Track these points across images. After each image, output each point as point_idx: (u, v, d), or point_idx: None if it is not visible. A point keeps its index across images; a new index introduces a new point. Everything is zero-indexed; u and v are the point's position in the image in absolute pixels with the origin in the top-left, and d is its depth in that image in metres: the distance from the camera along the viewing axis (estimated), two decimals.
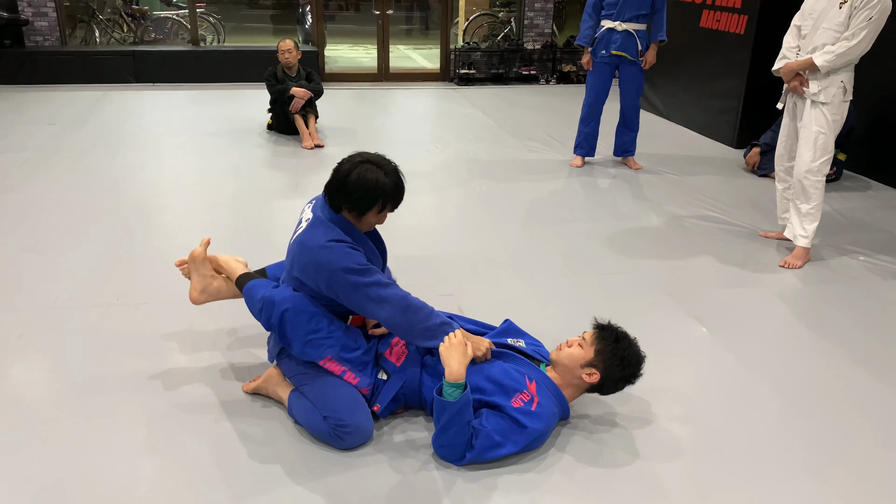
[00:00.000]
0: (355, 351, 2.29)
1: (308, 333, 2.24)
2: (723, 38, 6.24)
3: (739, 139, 6.13)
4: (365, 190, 2.23)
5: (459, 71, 9.13)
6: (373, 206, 2.27)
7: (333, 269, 2.20)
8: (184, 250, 3.70)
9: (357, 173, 2.24)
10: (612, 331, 2.31)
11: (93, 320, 3.00)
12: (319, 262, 2.22)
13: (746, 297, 3.40)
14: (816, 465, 2.26)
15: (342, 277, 2.20)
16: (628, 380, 2.32)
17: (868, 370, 2.80)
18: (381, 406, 2.30)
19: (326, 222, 2.30)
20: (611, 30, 5.15)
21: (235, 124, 6.48)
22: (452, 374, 2.12)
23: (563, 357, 2.31)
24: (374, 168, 2.26)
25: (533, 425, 2.18)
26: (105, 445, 2.24)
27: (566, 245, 3.96)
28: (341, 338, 2.28)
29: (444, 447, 2.17)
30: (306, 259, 2.26)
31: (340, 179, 2.25)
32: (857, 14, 3.34)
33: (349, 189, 2.24)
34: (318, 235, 2.26)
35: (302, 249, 2.28)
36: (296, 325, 2.24)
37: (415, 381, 2.33)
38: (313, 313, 2.26)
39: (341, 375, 2.27)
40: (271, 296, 2.31)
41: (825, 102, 3.51)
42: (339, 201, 2.27)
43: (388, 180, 2.26)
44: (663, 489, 2.13)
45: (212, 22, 9.93)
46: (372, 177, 2.24)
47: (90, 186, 4.67)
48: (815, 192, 3.65)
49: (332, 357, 2.26)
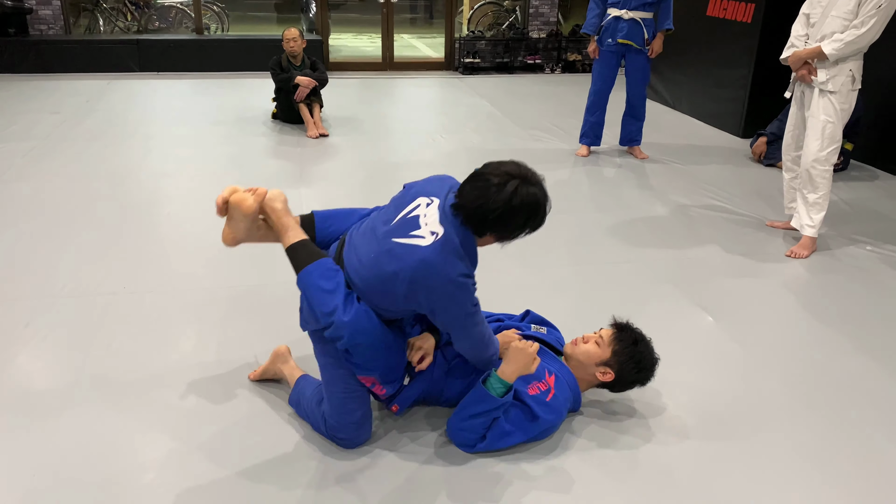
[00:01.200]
0: (396, 371, 2.18)
1: (367, 361, 2.09)
2: (730, 26, 6.19)
3: (746, 129, 6.10)
4: (522, 212, 1.94)
5: (464, 60, 9.09)
6: (522, 231, 2.01)
7: (456, 308, 2.00)
8: (189, 238, 3.73)
9: (517, 189, 1.92)
10: (630, 332, 2.32)
11: (99, 309, 3.00)
12: (443, 295, 1.97)
13: (753, 286, 3.39)
14: (822, 455, 2.25)
15: (459, 316, 2.02)
16: (641, 382, 2.33)
17: (874, 360, 2.80)
18: (399, 408, 2.27)
19: (459, 249, 1.98)
20: (617, 18, 5.12)
21: (240, 113, 6.47)
22: (506, 373, 2.11)
23: (578, 353, 2.32)
24: (531, 183, 1.96)
25: (545, 416, 2.18)
26: (112, 434, 2.25)
27: (571, 235, 3.95)
28: (390, 364, 2.15)
29: (462, 430, 2.17)
30: (427, 285, 1.96)
31: (503, 207, 1.91)
32: (867, 2, 3.31)
33: (505, 209, 1.92)
34: (451, 265, 1.95)
35: (426, 271, 1.95)
36: (361, 353, 2.07)
37: (439, 383, 2.30)
38: (381, 347, 2.09)
39: (371, 387, 2.18)
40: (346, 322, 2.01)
41: (833, 91, 3.49)
42: (486, 225, 1.95)
43: (543, 200, 1.99)
44: (670, 477, 2.13)
45: (216, 10, 9.90)
46: (530, 198, 1.94)
47: (95, 175, 4.67)
48: (823, 182, 3.64)
49: (376, 378, 2.15)
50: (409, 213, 2.08)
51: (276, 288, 3.23)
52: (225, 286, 3.24)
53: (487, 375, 2.15)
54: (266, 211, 2.17)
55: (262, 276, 3.34)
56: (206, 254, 3.57)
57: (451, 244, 1.97)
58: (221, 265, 3.44)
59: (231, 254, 3.56)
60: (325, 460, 2.17)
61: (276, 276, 3.35)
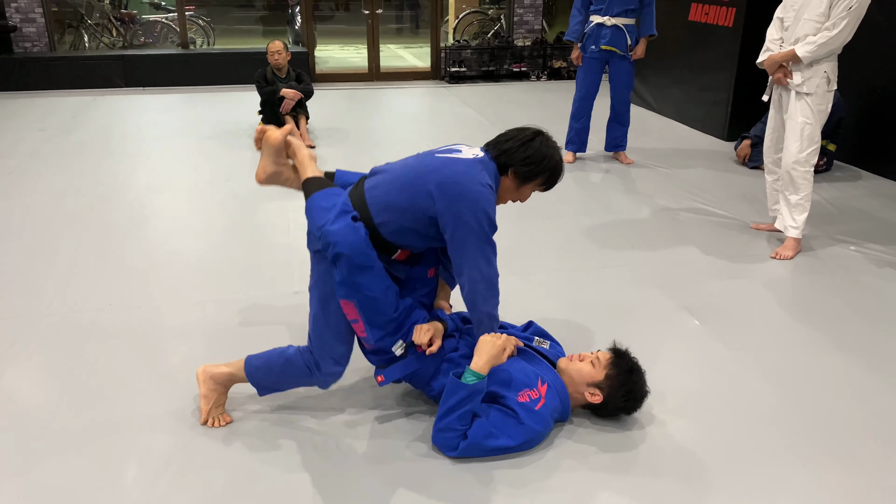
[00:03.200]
0: (380, 315, 2.22)
1: (350, 276, 2.16)
2: (712, 31, 6.25)
3: (730, 132, 6.15)
4: (542, 158, 2.25)
5: (450, 69, 9.13)
6: (538, 177, 2.27)
7: (478, 208, 2.13)
8: (175, 253, 3.72)
9: (541, 141, 2.27)
10: (627, 360, 2.33)
11: (85, 325, 3.00)
12: (467, 194, 2.14)
13: (738, 288, 3.41)
14: (808, 455, 2.27)
15: (477, 220, 2.14)
16: (627, 411, 2.36)
17: (859, 359, 2.82)
18: (385, 380, 2.30)
19: (492, 170, 2.24)
20: (600, 25, 5.16)
21: (226, 127, 6.48)
22: (478, 365, 2.15)
23: (571, 369, 2.33)
24: (554, 145, 2.30)
25: (531, 423, 2.18)
26: (99, 451, 2.24)
27: (559, 240, 3.97)
28: (376, 298, 2.20)
29: (442, 431, 2.17)
30: (455, 181, 2.15)
31: (525, 139, 2.25)
32: (838, 4, 3.35)
33: (530, 150, 2.23)
34: (482, 174, 2.19)
35: (456, 172, 2.17)
36: (344, 268, 2.16)
37: (429, 368, 2.31)
38: (365, 267, 2.17)
39: (352, 322, 2.24)
40: (332, 230, 2.17)
41: (809, 93, 3.53)
42: (512, 161, 2.24)
43: (561, 163, 2.32)
44: (657, 480, 2.14)
45: (201, 25, 9.91)
46: (553, 152, 2.28)
47: (81, 191, 4.67)
48: (804, 183, 3.67)
49: (355, 305, 2.19)
50: (449, 146, 2.36)
51: (264, 302, 3.23)
52: (212, 301, 3.24)
53: (461, 371, 2.17)
54: (293, 151, 2.45)
55: (249, 291, 3.34)
56: (192, 269, 3.57)
57: (489, 165, 2.25)
58: (208, 280, 3.44)
59: (218, 268, 3.57)
60: (315, 464, 2.17)
61: (263, 290, 3.36)
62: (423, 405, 2.49)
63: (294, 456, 2.23)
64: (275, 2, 12.51)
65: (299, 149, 2.44)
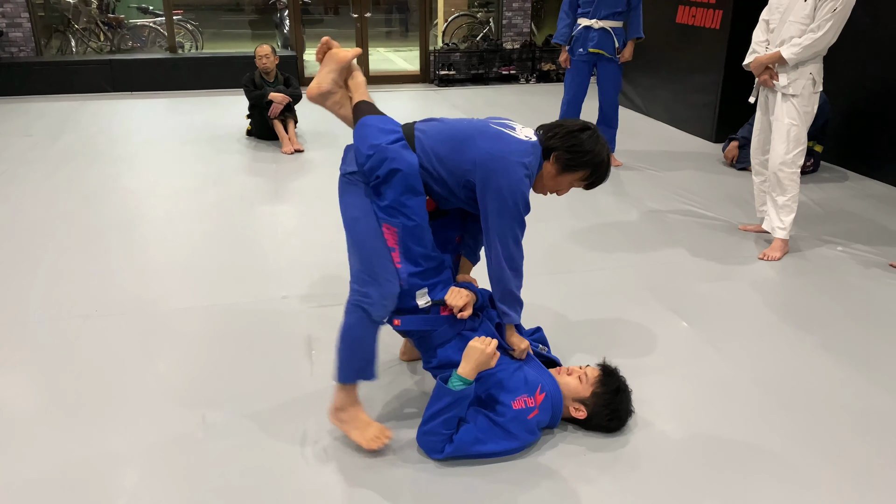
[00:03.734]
0: (419, 246, 2.19)
1: (399, 196, 2.14)
2: (699, 33, 6.28)
3: (718, 133, 6.18)
4: (587, 152, 2.22)
5: (439, 72, 9.14)
6: (580, 169, 2.24)
7: (515, 187, 2.14)
8: (163, 258, 3.70)
9: (590, 134, 2.24)
10: (615, 379, 2.32)
11: (71, 332, 2.98)
12: (508, 172, 2.14)
13: (726, 290, 3.42)
14: (796, 456, 2.27)
15: (514, 198, 2.14)
16: (610, 430, 2.34)
17: (846, 360, 2.83)
18: (401, 325, 2.27)
19: (538, 155, 2.23)
20: (587, 28, 5.17)
21: (214, 131, 6.45)
22: (465, 371, 2.13)
23: (559, 383, 2.33)
24: (604, 144, 2.27)
25: (518, 432, 2.19)
26: (84, 458, 2.22)
27: (547, 243, 3.97)
28: (420, 225, 2.17)
29: (426, 434, 2.17)
30: (501, 156, 2.15)
31: (573, 129, 2.24)
32: (822, 6, 3.38)
33: (576, 140, 2.21)
34: (527, 154, 2.18)
35: (504, 150, 2.16)
36: (396, 186, 2.14)
37: (440, 339, 2.28)
38: (416, 190, 2.16)
39: (390, 250, 2.19)
40: (391, 147, 2.16)
41: (795, 95, 3.55)
42: (557, 146, 2.22)
43: (607, 161, 2.28)
44: (645, 481, 2.14)
45: (189, 29, 9.88)
46: (598, 147, 2.24)
47: (68, 197, 4.64)
48: (791, 184, 3.69)
49: (397, 231, 2.16)
50: (506, 120, 2.33)
51: (252, 307, 3.22)
52: (200, 306, 3.22)
53: (448, 375, 2.16)
54: (354, 73, 2.40)
55: (237, 295, 3.32)
56: (179, 274, 3.55)
57: (537, 148, 2.23)
58: (196, 285, 3.43)
59: (206, 273, 3.55)
60: (302, 480, 2.16)
61: (251, 294, 3.34)
62: (413, 407, 2.48)
63: (282, 461, 2.22)
64: (263, 5, 12.48)
65: (357, 75, 2.41)
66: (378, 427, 2.27)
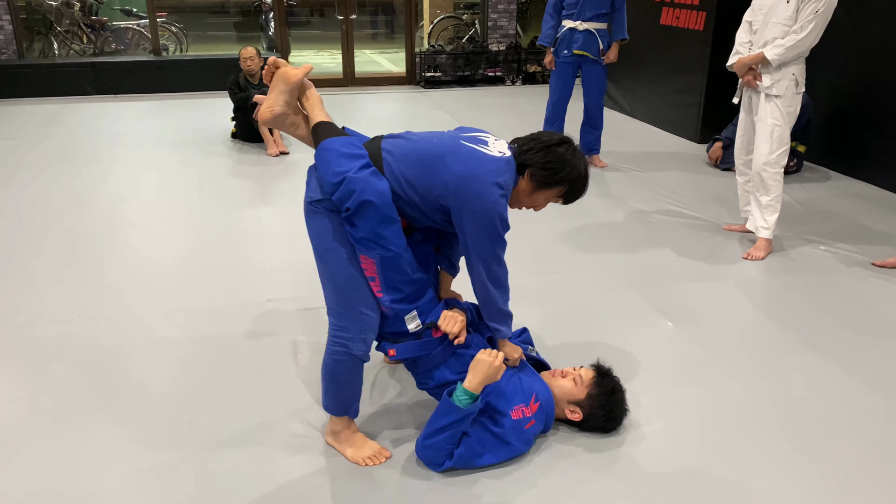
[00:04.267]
0: (400, 274, 2.11)
1: (374, 228, 2.04)
2: (682, 34, 6.32)
3: (702, 134, 6.21)
4: (563, 167, 2.14)
5: (425, 74, 9.13)
6: (556, 186, 2.17)
7: (492, 209, 2.05)
8: (147, 262, 3.68)
9: (567, 148, 2.17)
10: (610, 380, 2.32)
11: (54, 337, 2.95)
12: (483, 194, 2.04)
13: (711, 289, 3.44)
14: (781, 453, 2.29)
15: (490, 220, 2.06)
16: (606, 430, 2.34)
17: (830, 358, 2.85)
18: (397, 354, 2.23)
19: (513, 172, 2.14)
20: (572, 29, 5.19)
21: (199, 134, 6.42)
22: (472, 384, 2.09)
23: (553, 386, 2.33)
24: (581, 157, 2.20)
25: (517, 444, 2.19)
26: (68, 464, 2.20)
27: (534, 244, 3.98)
28: (399, 255, 2.09)
29: (428, 448, 2.15)
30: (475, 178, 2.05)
31: (549, 144, 2.16)
32: (805, 8, 3.41)
33: (552, 155, 2.14)
34: (502, 175, 2.09)
35: (478, 171, 2.06)
36: (370, 218, 2.03)
37: (436, 361, 2.25)
38: (391, 219, 2.06)
39: (369, 280, 2.12)
40: (358, 178, 2.03)
41: (778, 95, 3.57)
42: (531, 161, 2.14)
43: (584, 175, 2.20)
44: (634, 480, 2.15)
45: (173, 31, 9.83)
46: (577, 162, 2.17)
47: (51, 201, 4.59)
48: (775, 184, 3.71)
49: (375, 262, 2.08)
50: (477, 132, 2.22)
51: (237, 311, 3.20)
52: (185, 309, 3.20)
53: (453, 389, 2.14)
54: (307, 93, 2.27)
55: (222, 300, 3.31)
56: (163, 278, 3.52)
57: (511, 164, 2.14)
58: (181, 288, 3.40)
59: (190, 277, 3.53)
60: (289, 484, 2.15)
61: (236, 298, 3.32)
62: (401, 415, 2.48)
63: (267, 464, 2.21)
64: (248, 8, 12.44)
65: (312, 92, 2.27)
66: (374, 447, 2.25)
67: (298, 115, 2.28)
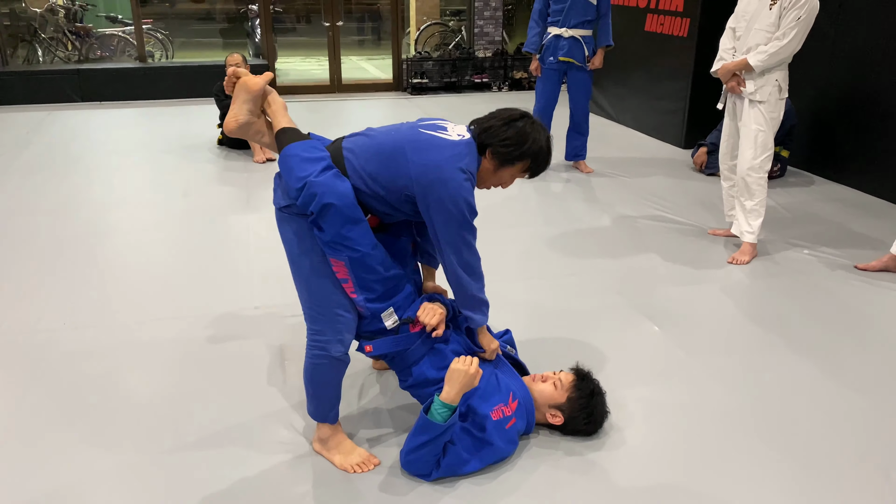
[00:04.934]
0: (371, 273, 2.11)
1: (339, 230, 2.04)
2: (667, 41, 6.37)
3: (687, 140, 6.26)
4: (524, 141, 2.14)
5: (412, 80, 9.15)
6: (519, 161, 2.17)
7: (457, 194, 2.05)
8: (133, 269, 3.66)
9: (525, 122, 2.17)
10: (590, 383, 2.33)
11: (38, 345, 2.92)
12: (447, 180, 2.05)
13: (696, 293, 3.46)
14: (764, 455, 2.31)
15: (457, 206, 2.06)
16: (587, 433, 2.35)
17: (813, 361, 2.88)
18: (373, 350, 2.23)
19: (474, 154, 2.15)
20: (557, 36, 5.23)
21: (185, 140, 6.39)
22: (450, 396, 2.08)
23: (534, 390, 2.33)
24: (541, 129, 2.20)
25: (501, 444, 2.18)
26: (54, 473, 2.19)
27: (520, 249, 3.99)
28: (367, 254, 2.08)
29: (412, 463, 2.14)
30: (437, 164, 2.06)
31: (507, 119, 2.16)
32: (787, 14, 3.45)
33: (511, 132, 2.14)
34: (464, 159, 2.10)
35: (439, 157, 2.08)
36: (333, 221, 2.04)
37: (414, 356, 2.24)
38: (355, 220, 2.06)
39: (342, 282, 2.12)
40: (318, 181, 2.04)
41: (762, 101, 3.61)
42: (491, 140, 2.15)
43: (546, 147, 2.20)
44: (616, 486, 2.16)
45: (159, 38, 9.79)
46: (536, 135, 2.17)
47: (35, 209, 4.56)
48: (759, 189, 3.75)
49: (345, 264, 2.08)
50: (435, 120, 2.24)
51: (224, 318, 3.19)
52: (171, 317, 3.18)
53: (430, 403, 2.12)
54: (269, 99, 2.27)
55: (209, 306, 3.29)
56: (150, 285, 3.51)
57: (472, 146, 2.15)
58: (168, 295, 3.39)
59: (177, 284, 3.51)
60: (276, 490, 2.14)
61: (223, 305, 3.31)
62: (390, 420, 2.48)
63: (255, 471, 2.20)
64: (234, 14, 12.42)
65: (275, 99, 2.28)
66: (362, 453, 2.25)
67: (263, 124, 2.29)
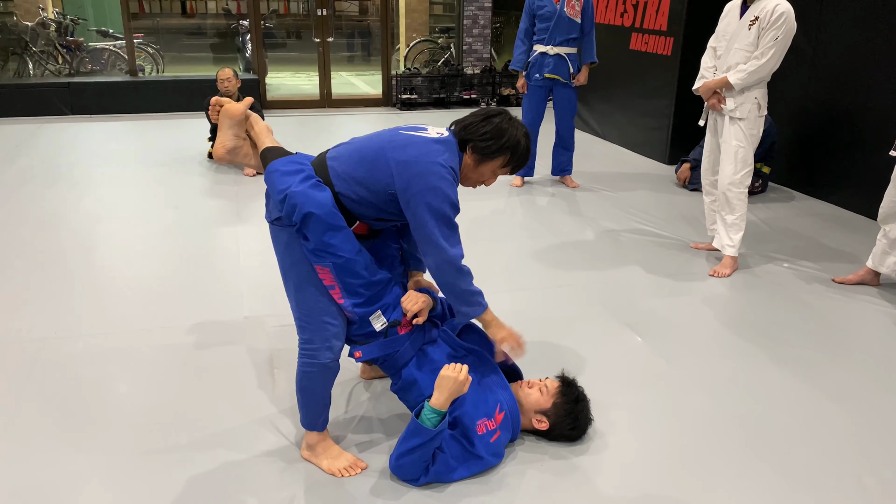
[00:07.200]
0: (356, 278, 2.16)
1: (321, 237, 2.10)
2: (651, 59, 6.49)
3: (671, 156, 6.37)
4: (502, 135, 2.22)
5: (401, 96, 9.25)
6: (498, 155, 2.24)
7: (438, 189, 2.11)
8: (123, 281, 3.69)
9: (502, 118, 2.24)
10: (574, 389, 2.39)
11: (29, 355, 2.95)
12: (427, 175, 2.11)
13: (678, 305, 3.54)
14: (744, 463, 2.36)
15: (438, 201, 2.11)
16: (572, 439, 2.41)
17: (792, 371, 2.95)
18: (363, 356, 2.28)
19: (455, 150, 2.22)
20: (543, 54, 5.33)
21: (175, 154, 6.43)
22: (439, 402, 2.13)
23: (520, 396, 2.39)
24: (519, 125, 2.27)
25: (487, 457, 2.23)
26: (44, 481, 2.21)
27: (506, 261, 4.06)
28: (351, 259, 2.14)
29: (402, 468, 2.19)
30: (417, 160, 2.13)
31: (484, 115, 2.24)
32: (765, 34, 3.56)
33: (489, 127, 2.21)
34: (445, 155, 2.16)
35: (419, 153, 2.14)
36: (315, 229, 2.09)
37: (403, 359, 2.29)
38: (336, 227, 2.12)
39: (329, 289, 2.17)
40: (297, 191, 2.10)
41: (742, 118, 3.71)
42: (471, 136, 2.22)
43: (524, 142, 2.27)
44: (597, 490, 2.21)
45: (150, 52, 9.84)
46: (514, 131, 2.24)
47: (24, 221, 4.58)
48: (739, 203, 3.84)
49: (330, 270, 2.13)
50: (416, 125, 2.31)
51: (214, 328, 3.22)
52: (161, 327, 3.22)
53: (421, 408, 2.18)
54: (250, 123, 2.37)
55: (198, 317, 3.33)
56: (140, 296, 3.54)
57: (451, 143, 2.22)
58: (158, 306, 3.42)
59: (166, 295, 3.54)
60: (266, 498, 2.18)
61: (213, 316, 3.35)
62: (379, 427, 2.52)
63: (245, 479, 2.24)
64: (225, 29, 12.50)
65: (257, 121, 2.37)
66: (350, 458, 2.30)
67: (249, 147, 2.38)
